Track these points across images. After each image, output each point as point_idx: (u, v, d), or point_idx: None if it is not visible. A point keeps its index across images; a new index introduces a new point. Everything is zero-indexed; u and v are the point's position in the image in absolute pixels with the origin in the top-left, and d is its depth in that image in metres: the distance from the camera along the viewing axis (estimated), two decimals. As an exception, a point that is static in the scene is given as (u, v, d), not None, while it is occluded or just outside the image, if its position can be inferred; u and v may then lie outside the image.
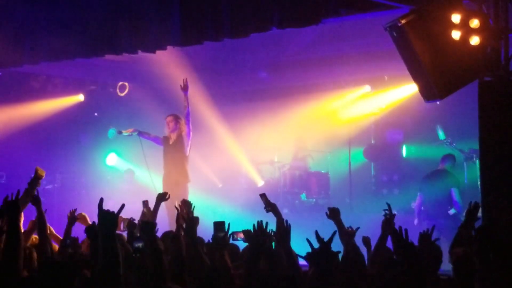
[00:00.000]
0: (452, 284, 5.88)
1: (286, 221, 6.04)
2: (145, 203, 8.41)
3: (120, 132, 12.10)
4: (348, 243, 6.63)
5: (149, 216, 8.13)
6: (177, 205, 7.48)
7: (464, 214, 11.62)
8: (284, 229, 5.99)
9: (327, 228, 6.57)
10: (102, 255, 4.77)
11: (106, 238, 4.77)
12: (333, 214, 7.13)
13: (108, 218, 4.83)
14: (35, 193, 7.45)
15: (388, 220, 6.80)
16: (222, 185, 15.40)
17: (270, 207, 7.10)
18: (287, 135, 15.71)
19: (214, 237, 6.02)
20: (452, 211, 11.80)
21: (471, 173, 13.09)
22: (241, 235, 6.61)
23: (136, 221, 7.45)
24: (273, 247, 6.14)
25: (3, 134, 13.77)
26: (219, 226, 5.95)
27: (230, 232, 6.29)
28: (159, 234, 7.09)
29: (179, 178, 11.86)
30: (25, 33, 10.73)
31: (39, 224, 7.18)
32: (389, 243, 6.73)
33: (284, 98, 15.32)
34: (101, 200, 5.02)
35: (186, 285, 5.84)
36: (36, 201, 7.32)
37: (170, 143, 12.02)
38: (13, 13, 10.72)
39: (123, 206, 5.12)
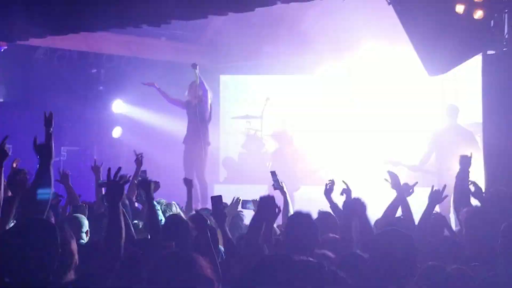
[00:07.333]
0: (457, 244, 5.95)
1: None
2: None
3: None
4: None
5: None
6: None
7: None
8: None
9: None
10: (106, 225, 4.75)
11: (111, 208, 4.75)
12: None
13: (115, 188, 4.80)
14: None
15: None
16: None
17: (278, 186, 7.20)
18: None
19: (213, 211, 6.11)
20: None
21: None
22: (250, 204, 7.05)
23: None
24: None
25: (8, 108, 13.81)
26: (217, 200, 6.02)
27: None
28: None
29: (198, 142, 12.20)
30: (32, 6, 10.73)
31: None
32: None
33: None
34: (109, 170, 4.95)
35: None
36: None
37: (192, 106, 12.46)
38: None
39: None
